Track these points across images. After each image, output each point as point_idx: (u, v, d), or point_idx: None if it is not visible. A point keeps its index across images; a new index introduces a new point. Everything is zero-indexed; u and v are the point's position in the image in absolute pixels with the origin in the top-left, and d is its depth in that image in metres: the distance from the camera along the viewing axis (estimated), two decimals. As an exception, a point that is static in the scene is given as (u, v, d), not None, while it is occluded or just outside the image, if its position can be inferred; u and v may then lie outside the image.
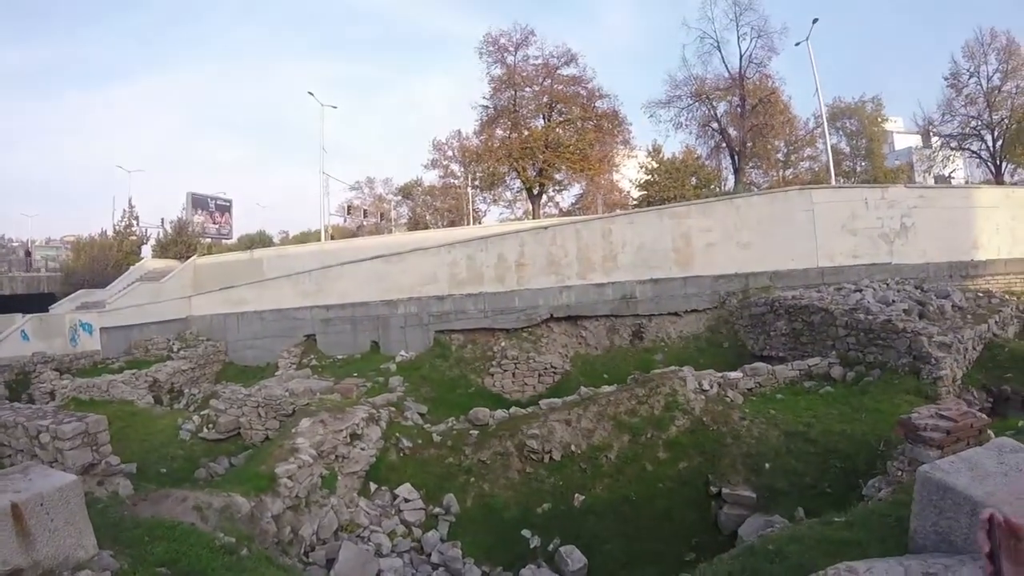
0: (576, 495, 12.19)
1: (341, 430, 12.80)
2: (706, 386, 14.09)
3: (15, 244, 66.83)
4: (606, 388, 14.97)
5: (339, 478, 12.11)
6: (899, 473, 8.68)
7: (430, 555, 11.12)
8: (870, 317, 15.39)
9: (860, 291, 19.03)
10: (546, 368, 20.95)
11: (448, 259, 24.76)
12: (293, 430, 12.37)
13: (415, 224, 62.51)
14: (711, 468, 11.90)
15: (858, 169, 55.60)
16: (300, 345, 25.63)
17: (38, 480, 5.46)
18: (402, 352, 23.07)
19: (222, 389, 17.81)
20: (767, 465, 11.45)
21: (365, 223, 60.37)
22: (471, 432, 14.14)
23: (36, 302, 35.28)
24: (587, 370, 21.27)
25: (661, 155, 53.81)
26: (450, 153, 58.12)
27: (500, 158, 45.55)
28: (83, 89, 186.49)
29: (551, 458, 12.95)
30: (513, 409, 15.25)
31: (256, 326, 27.24)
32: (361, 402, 14.97)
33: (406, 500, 12.49)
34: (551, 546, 11.10)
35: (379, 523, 11.75)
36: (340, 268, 26.46)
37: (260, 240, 60.24)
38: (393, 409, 15.51)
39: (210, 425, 15.24)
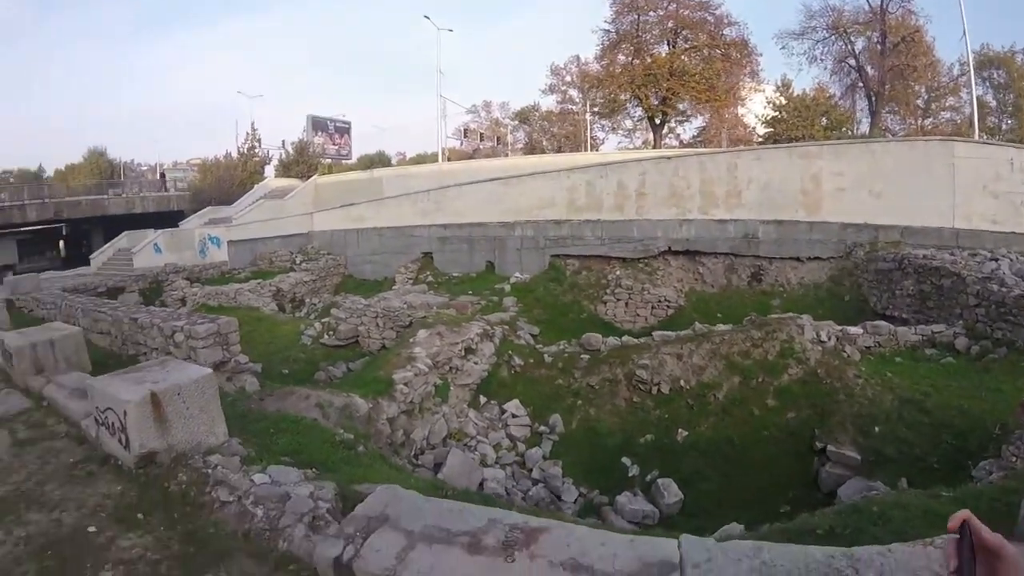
0: (680, 430, 12.21)
1: (457, 343, 13.29)
2: (824, 337, 13.59)
3: (144, 168, 72.43)
4: (721, 327, 14.73)
5: (451, 389, 12.67)
6: (1013, 459, 8.29)
7: (531, 470, 11.48)
8: (1004, 290, 14.19)
9: (996, 260, 17.52)
10: (659, 301, 20.80)
11: (567, 184, 24.64)
12: (411, 339, 12.98)
13: (531, 149, 61.90)
14: (819, 423, 11.62)
15: (1003, 127, 50.15)
16: (417, 262, 26.47)
17: (175, 372, 6.09)
18: (516, 274, 23.44)
19: (343, 299, 18.69)
20: (877, 429, 11.04)
21: (481, 146, 60.33)
22: (582, 356, 14.25)
23: (166, 219, 38.49)
24: (701, 307, 21.01)
25: (791, 91, 49.87)
26: (568, 78, 56.57)
27: (622, 84, 44.03)
28: (206, 24, 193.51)
29: (659, 390, 12.98)
30: (625, 338, 15.30)
31: (375, 242, 28.25)
32: (476, 319, 15.38)
33: (513, 416, 12.88)
34: (649, 476, 11.22)
35: (486, 435, 12.20)
36: (459, 188, 26.88)
37: (380, 160, 61.41)
38: (507, 327, 15.87)
39: (330, 332, 16.08)
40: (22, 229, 48.56)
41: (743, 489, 10.87)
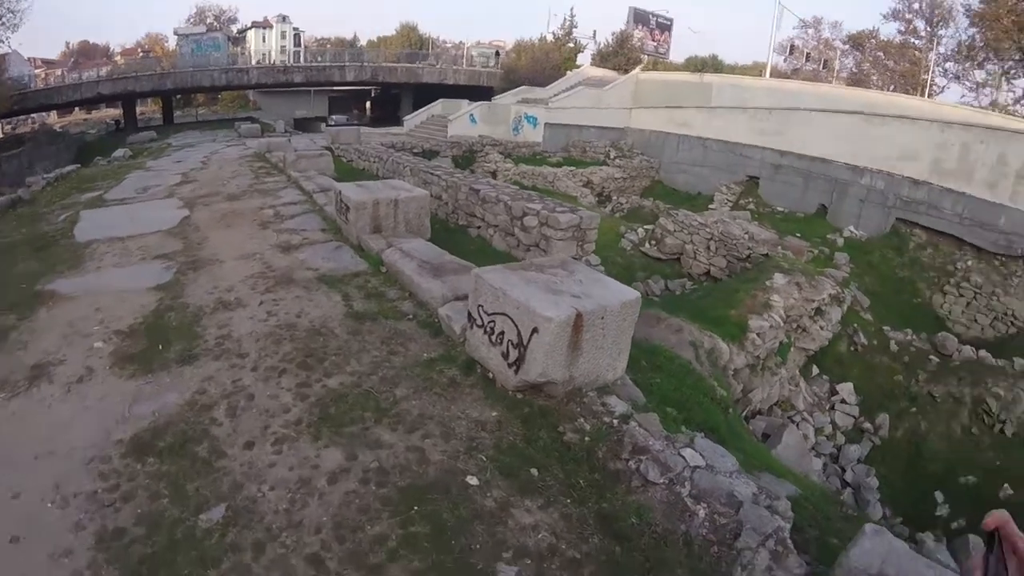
0: (1007, 486, 9.89)
1: (813, 300, 11.64)
2: None
3: (448, 44, 77.13)
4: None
5: (791, 350, 11.15)
6: None
7: (844, 470, 10.30)
8: None
9: None
10: (1005, 314, 16.78)
11: (938, 139, 20.01)
12: (768, 283, 11.27)
13: (857, 81, 53.22)
14: None
15: None
16: (740, 184, 24.27)
17: (592, 285, 4.57)
18: (851, 228, 20.40)
19: (672, 210, 17.16)
20: None
21: (803, 68, 53.64)
22: (931, 357, 12.53)
23: (475, 93, 40.06)
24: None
25: None
26: (916, 6, 45.41)
27: (1007, 29, 33.56)
28: None
29: (1001, 430, 10.98)
30: (982, 353, 12.98)
31: (696, 153, 26.36)
32: (826, 274, 13.16)
33: (843, 401, 11.55)
34: (956, 524, 9.37)
35: (811, 413, 10.95)
36: (808, 114, 23.69)
37: (712, 64, 57.16)
38: (852, 295, 13.90)
39: (653, 242, 14.71)
40: (335, 88, 56.54)
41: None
